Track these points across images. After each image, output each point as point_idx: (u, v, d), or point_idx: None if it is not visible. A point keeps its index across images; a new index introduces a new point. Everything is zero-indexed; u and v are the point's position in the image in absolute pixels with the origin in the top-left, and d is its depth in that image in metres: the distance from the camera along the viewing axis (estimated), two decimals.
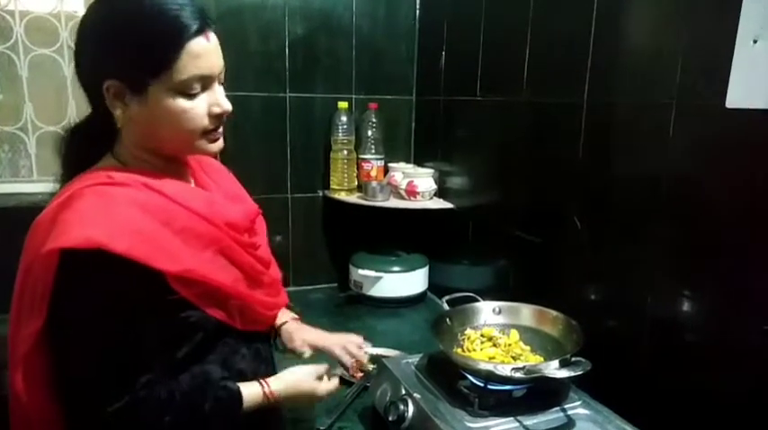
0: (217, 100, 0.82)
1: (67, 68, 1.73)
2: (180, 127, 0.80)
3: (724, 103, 0.85)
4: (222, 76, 0.84)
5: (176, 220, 0.80)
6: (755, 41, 0.80)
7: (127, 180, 0.79)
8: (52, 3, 1.69)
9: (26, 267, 0.77)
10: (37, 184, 1.76)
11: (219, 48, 0.82)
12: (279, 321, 1.09)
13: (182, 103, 0.78)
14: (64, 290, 0.73)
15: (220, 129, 0.85)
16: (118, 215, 0.75)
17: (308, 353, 1.08)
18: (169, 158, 0.87)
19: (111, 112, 0.79)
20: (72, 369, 0.76)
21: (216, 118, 0.83)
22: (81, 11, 1.72)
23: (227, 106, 0.83)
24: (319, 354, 1.09)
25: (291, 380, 0.94)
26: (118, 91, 0.78)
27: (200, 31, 0.77)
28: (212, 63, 0.80)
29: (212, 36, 0.80)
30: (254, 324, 0.92)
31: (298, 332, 1.09)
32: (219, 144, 0.86)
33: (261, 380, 0.90)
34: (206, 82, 0.80)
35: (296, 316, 1.14)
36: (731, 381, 0.90)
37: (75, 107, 1.76)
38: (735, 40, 0.83)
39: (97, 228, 0.72)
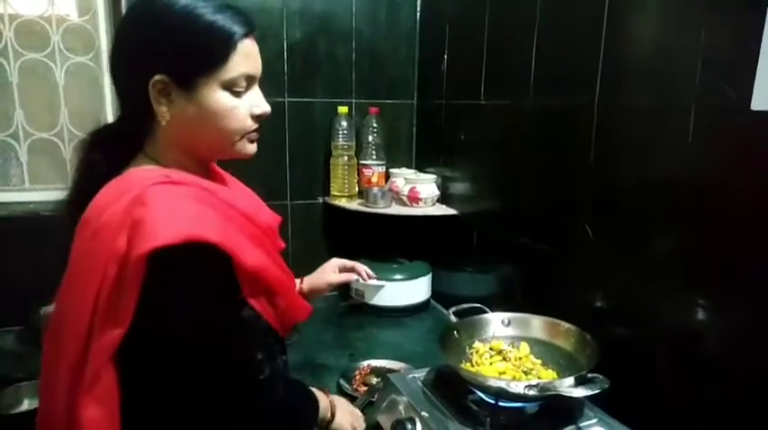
0: (258, 101, 0.85)
1: (59, 73, 1.69)
2: (224, 124, 0.82)
3: (749, 105, 0.80)
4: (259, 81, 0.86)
5: (234, 220, 0.82)
6: None
7: (184, 179, 0.80)
8: (43, 6, 1.65)
9: (98, 268, 0.71)
10: (29, 193, 1.71)
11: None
12: None
13: (229, 99, 0.81)
14: (166, 290, 0.71)
15: (257, 133, 0.88)
16: (196, 211, 0.75)
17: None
18: (201, 163, 0.88)
19: (151, 111, 0.79)
20: (199, 366, 0.75)
21: (257, 118, 0.86)
22: (73, 14, 1.68)
23: (268, 108, 0.86)
24: None
25: (344, 401, 1.07)
26: (164, 87, 0.78)
27: (249, 33, 0.82)
28: (258, 64, 0.84)
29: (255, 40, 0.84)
30: (287, 329, 0.95)
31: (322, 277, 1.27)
32: (256, 147, 0.89)
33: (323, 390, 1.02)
34: (250, 82, 0.83)
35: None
36: (757, 399, 0.85)
37: (68, 114, 1.71)
38: (761, 37, 0.78)
39: (186, 223, 0.72)
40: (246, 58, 0.81)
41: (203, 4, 0.78)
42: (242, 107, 0.82)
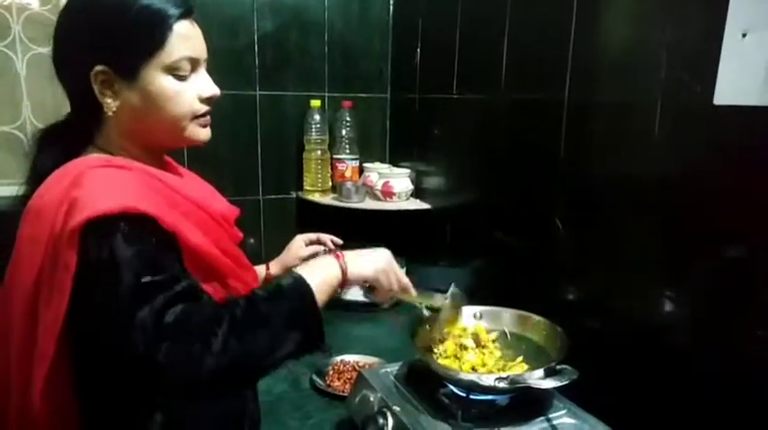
0: (205, 83, 0.83)
1: (20, 65, 1.63)
2: (172, 109, 0.80)
3: (712, 100, 0.82)
4: (206, 64, 0.85)
5: (179, 205, 0.80)
6: (744, 35, 0.77)
7: (127, 164, 0.78)
8: None
9: (38, 251, 0.71)
10: None
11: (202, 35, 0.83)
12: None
13: (173, 83, 0.79)
14: (93, 255, 0.68)
15: (208, 118, 0.86)
16: (135, 187, 0.74)
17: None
18: (153, 153, 0.86)
19: (97, 103, 0.78)
20: (110, 319, 0.69)
21: (205, 101, 0.84)
22: (35, 3, 1.62)
23: (216, 90, 0.84)
24: None
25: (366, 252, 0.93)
26: (106, 78, 0.77)
27: (187, 14, 0.80)
28: (200, 46, 0.82)
29: (195, 21, 0.82)
30: None
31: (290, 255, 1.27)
32: (209, 132, 0.87)
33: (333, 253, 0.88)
34: (194, 64, 0.81)
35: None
36: (721, 388, 0.87)
37: (31, 106, 1.66)
38: (723, 34, 0.80)
39: (121, 196, 0.70)
40: (186, 40, 0.79)
41: None
42: (188, 91, 0.81)
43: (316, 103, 1.78)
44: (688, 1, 0.88)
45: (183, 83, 0.80)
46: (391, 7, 1.88)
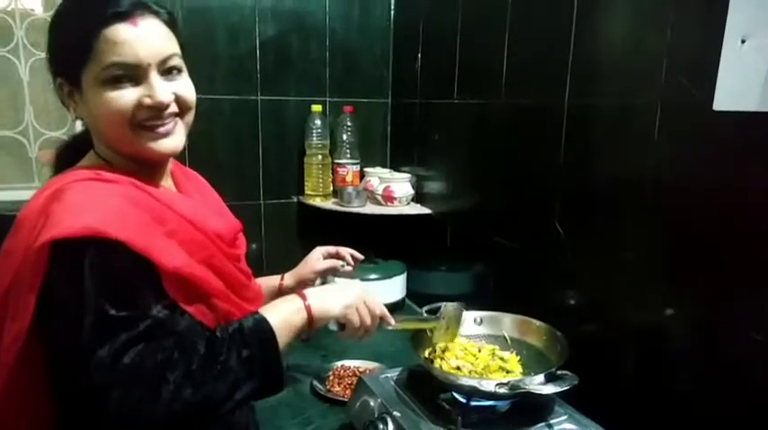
0: (151, 91, 0.76)
1: (23, 70, 1.64)
2: (108, 119, 0.76)
3: (711, 105, 0.82)
4: (172, 66, 0.79)
5: (167, 222, 0.77)
6: (743, 41, 0.77)
7: (115, 178, 0.77)
8: (6, 0, 1.60)
9: (13, 264, 0.71)
10: None
11: (161, 34, 0.78)
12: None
13: (107, 93, 0.75)
14: (57, 280, 0.67)
15: (167, 127, 0.79)
16: (111, 206, 0.72)
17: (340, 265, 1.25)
18: (146, 162, 0.83)
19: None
20: (62, 341, 0.69)
21: (148, 109, 0.77)
22: (38, 9, 1.63)
23: (161, 97, 0.77)
24: None
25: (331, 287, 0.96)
26: (69, 89, 0.79)
27: (123, 17, 0.74)
28: (139, 50, 0.75)
29: (146, 21, 0.76)
30: None
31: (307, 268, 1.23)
32: (169, 143, 0.80)
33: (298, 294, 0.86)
34: (135, 72, 0.75)
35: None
36: (720, 392, 0.87)
37: (33, 111, 1.67)
38: (722, 40, 0.80)
39: (91, 217, 0.69)
40: (116, 45, 0.73)
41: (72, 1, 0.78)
42: (123, 99, 0.75)
43: (317, 107, 1.79)
44: (687, 7, 0.88)
45: (120, 91, 0.75)
46: (392, 13, 1.88)
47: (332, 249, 1.28)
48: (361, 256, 1.32)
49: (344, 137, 1.84)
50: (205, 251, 0.82)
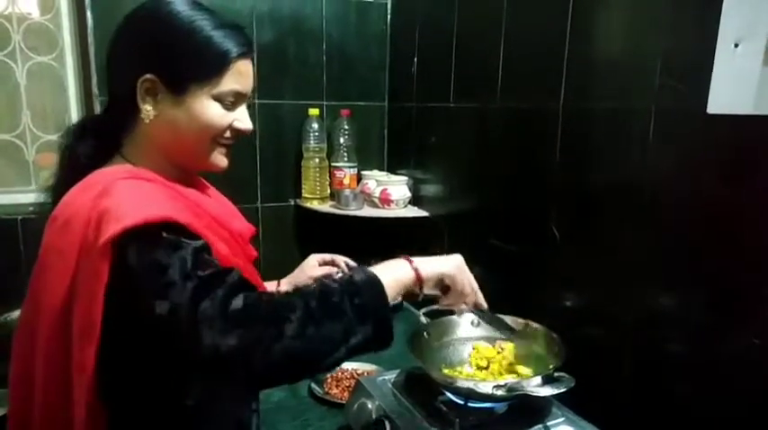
0: (243, 117, 0.86)
1: (21, 73, 1.64)
2: (205, 130, 0.83)
3: (705, 109, 0.83)
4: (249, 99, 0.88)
5: (202, 217, 0.82)
6: (737, 45, 0.78)
7: (151, 177, 0.80)
8: (3, 3, 1.60)
9: (69, 261, 0.72)
10: None
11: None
12: None
13: (216, 109, 0.82)
14: (138, 265, 0.69)
15: (229, 148, 0.89)
16: (162, 198, 0.76)
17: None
18: (177, 168, 0.87)
19: (135, 110, 0.81)
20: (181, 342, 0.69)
21: (236, 132, 0.87)
22: (35, 13, 1.64)
23: (250, 126, 0.88)
24: None
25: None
26: (152, 86, 0.80)
27: (247, 53, 0.84)
28: (249, 83, 0.86)
29: (250, 60, 0.86)
30: None
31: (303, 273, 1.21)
32: (226, 161, 0.90)
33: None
34: (239, 98, 0.85)
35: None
36: (717, 395, 0.87)
37: (30, 115, 1.67)
38: (715, 44, 0.81)
39: (154, 207, 0.72)
40: (239, 76, 0.83)
41: (206, 18, 0.81)
42: (226, 118, 0.84)
43: (314, 111, 1.79)
44: (681, 11, 0.89)
45: (225, 111, 0.83)
46: (389, 17, 1.89)
47: (327, 257, 1.28)
48: (353, 264, 1.31)
49: (341, 140, 1.85)
50: (233, 249, 0.86)
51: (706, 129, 0.85)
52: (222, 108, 0.83)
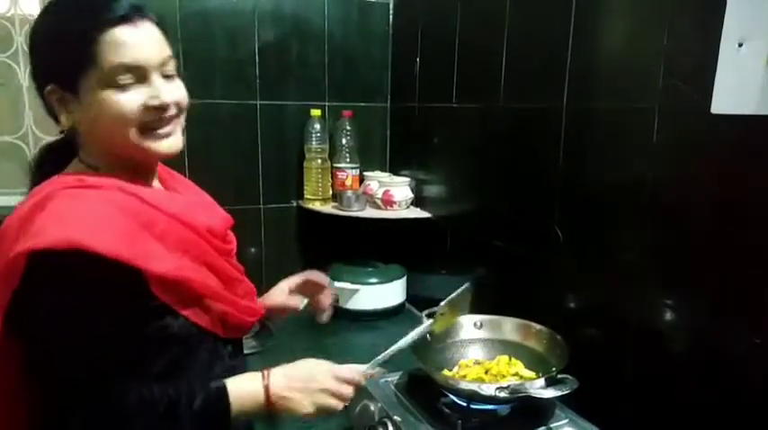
0: (156, 91, 0.77)
1: (23, 75, 1.64)
2: (114, 122, 0.76)
3: (709, 109, 0.82)
4: (169, 69, 0.80)
5: (155, 224, 0.77)
6: (741, 45, 0.78)
7: (100, 183, 0.77)
8: (5, 5, 1.60)
9: None
10: None
11: (158, 37, 0.79)
12: None
13: (112, 95, 0.75)
14: (36, 293, 0.69)
15: (168, 128, 0.80)
16: (96, 215, 0.72)
17: (302, 304, 1.13)
18: (136, 164, 0.83)
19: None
20: (49, 368, 0.73)
21: (154, 111, 0.78)
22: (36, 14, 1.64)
23: (167, 98, 0.78)
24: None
25: (296, 367, 0.87)
26: (60, 96, 0.77)
27: (123, 19, 0.74)
28: (141, 52, 0.76)
29: (144, 24, 0.77)
30: (234, 331, 0.90)
31: (269, 299, 1.08)
32: (170, 144, 0.81)
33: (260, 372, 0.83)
34: (139, 73, 0.76)
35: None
36: (720, 395, 0.87)
37: (33, 117, 1.67)
38: (719, 44, 0.80)
39: (74, 228, 0.69)
40: (120, 47, 0.74)
41: (65, 5, 0.77)
42: (130, 101, 0.76)
43: (316, 112, 1.79)
44: (685, 11, 0.88)
45: (125, 93, 0.75)
46: (391, 17, 1.89)
47: (299, 280, 1.14)
48: (325, 281, 1.18)
49: (344, 141, 1.84)
50: (197, 248, 0.82)
51: (710, 129, 0.84)
52: (119, 92, 0.75)
